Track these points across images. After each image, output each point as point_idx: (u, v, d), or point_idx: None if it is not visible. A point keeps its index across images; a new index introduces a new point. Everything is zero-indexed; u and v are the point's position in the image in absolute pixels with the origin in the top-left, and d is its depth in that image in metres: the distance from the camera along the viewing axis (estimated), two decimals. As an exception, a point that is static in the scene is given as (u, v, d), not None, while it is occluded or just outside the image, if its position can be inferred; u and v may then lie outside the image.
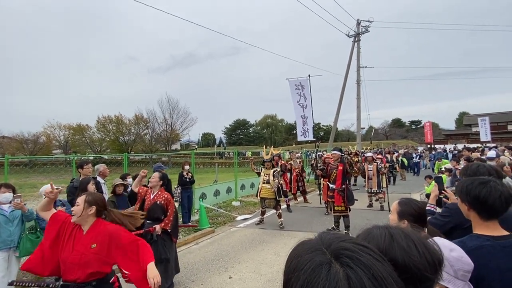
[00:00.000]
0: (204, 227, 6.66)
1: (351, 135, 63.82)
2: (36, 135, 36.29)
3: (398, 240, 0.83)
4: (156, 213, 3.76)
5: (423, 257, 0.80)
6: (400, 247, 0.81)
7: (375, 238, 0.86)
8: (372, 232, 0.89)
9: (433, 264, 0.81)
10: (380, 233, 0.87)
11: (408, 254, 0.80)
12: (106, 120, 35.92)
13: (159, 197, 3.82)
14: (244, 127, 78.64)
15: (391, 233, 0.86)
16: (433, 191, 2.52)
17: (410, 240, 0.83)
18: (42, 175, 22.45)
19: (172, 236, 3.83)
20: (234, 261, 4.84)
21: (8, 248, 3.62)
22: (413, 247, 0.81)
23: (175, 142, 40.96)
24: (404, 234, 0.86)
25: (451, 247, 1.24)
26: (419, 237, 0.87)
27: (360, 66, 19.23)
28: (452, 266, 1.19)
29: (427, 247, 0.83)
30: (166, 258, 3.71)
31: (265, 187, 6.65)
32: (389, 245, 0.82)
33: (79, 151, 34.69)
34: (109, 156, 27.90)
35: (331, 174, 6.17)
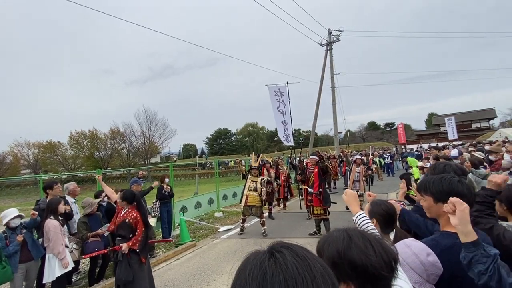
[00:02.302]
0: (185, 241, 6.47)
1: (330, 139, 65.49)
2: (2, 155, 33.87)
3: (356, 241, 0.86)
4: (124, 231, 3.57)
5: (379, 257, 0.83)
6: (357, 247, 0.84)
7: (334, 240, 0.89)
8: (332, 235, 0.92)
9: (389, 263, 0.85)
10: (339, 236, 0.90)
11: (365, 254, 0.83)
12: (80, 136, 34.27)
13: (128, 215, 3.62)
14: (225, 136, 78.23)
15: (349, 234, 0.89)
16: (402, 187, 2.67)
17: (367, 241, 0.86)
18: (10, 197, 20.89)
19: (141, 256, 3.58)
20: (216, 274, 4.73)
21: None
22: (370, 247, 0.85)
23: (154, 155, 39.82)
24: (361, 235, 0.89)
25: (428, 251, 1.27)
26: (375, 238, 0.90)
27: (333, 73, 19.99)
28: (427, 270, 1.22)
29: (383, 247, 0.87)
30: (128, 280, 3.42)
31: (252, 195, 6.59)
32: (347, 246, 0.85)
33: (51, 170, 32.70)
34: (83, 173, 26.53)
35: (309, 178, 6.31)
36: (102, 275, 4.81)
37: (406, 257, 1.27)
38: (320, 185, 6.13)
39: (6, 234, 3.75)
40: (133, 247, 3.51)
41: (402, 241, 1.38)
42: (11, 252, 3.71)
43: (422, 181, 1.66)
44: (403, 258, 1.25)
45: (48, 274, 3.91)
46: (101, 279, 4.74)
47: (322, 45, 19.58)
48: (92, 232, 4.49)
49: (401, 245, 1.33)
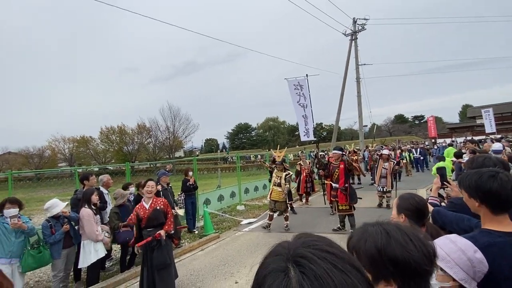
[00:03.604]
0: (209, 232, 6.63)
1: (354, 133, 63.46)
2: (41, 149, 36.78)
3: (395, 236, 0.82)
4: (158, 219, 3.78)
5: (420, 251, 0.79)
6: (397, 242, 0.80)
7: (371, 236, 0.84)
8: (366, 231, 0.87)
9: (430, 257, 0.81)
10: (375, 231, 0.85)
11: (406, 249, 0.79)
12: (109, 131, 36.24)
13: (157, 203, 3.84)
14: (246, 131, 78.72)
15: (386, 229, 0.85)
16: (435, 183, 2.46)
17: (405, 235, 0.82)
18: (48, 188, 22.65)
19: (175, 238, 3.92)
20: (240, 265, 4.80)
21: (9, 260, 3.62)
22: (409, 241, 0.81)
23: (178, 149, 41.08)
24: (398, 229, 0.85)
25: (474, 248, 1.20)
26: (413, 231, 0.85)
27: (359, 64, 19.19)
28: (474, 267, 1.16)
29: (421, 240, 0.83)
30: (170, 263, 3.75)
31: (276, 190, 6.53)
32: (387, 242, 0.81)
33: (84, 163, 35.00)
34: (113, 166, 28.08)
35: (334, 173, 6.12)
36: (132, 262, 5.07)
37: (452, 252, 1.19)
38: (346, 181, 5.95)
39: (50, 223, 4.05)
40: (169, 230, 3.79)
41: (445, 237, 1.31)
42: (57, 240, 4.01)
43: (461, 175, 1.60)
44: (448, 254, 1.18)
45: (83, 259, 4.19)
46: (131, 266, 5.00)
47: (347, 35, 18.83)
48: (123, 222, 4.73)
49: (445, 241, 1.25)
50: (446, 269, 1.14)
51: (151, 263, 3.64)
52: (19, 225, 3.64)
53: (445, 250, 1.15)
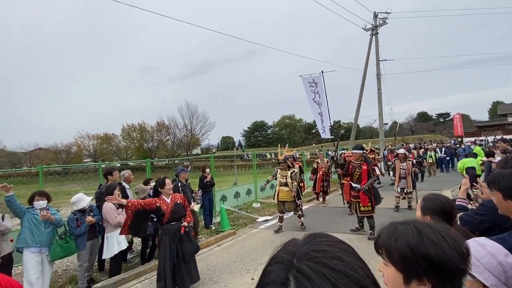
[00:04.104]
0: (226, 229, 6.70)
1: (374, 131, 61.56)
2: (68, 145, 38.92)
3: (427, 234, 0.80)
4: (179, 212, 3.96)
5: (454, 249, 0.77)
6: (430, 241, 0.79)
7: (402, 234, 0.82)
8: (397, 229, 0.85)
9: (463, 256, 0.78)
10: (406, 229, 0.83)
11: (440, 247, 0.77)
12: (131, 128, 37.61)
13: (175, 198, 4.02)
14: (262, 128, 78.73)
15: (417, 227, 0.83)
16: (464, 183, 2.31)
17: (437, 233, 0.80)
18: (75, 182, 23.90)
19: (193, 230, 4.22)
20: (256, 262, 4.81)
21: (39, 248, 3.85)
22: (442, 239, 0.79)
23: (195, 146, 41.95)
24: (430, 227, 0.83)
25: (506, 251, 1.15)
26: (445, 230, 0.83)
27: (379, 60, 18.52)
28: (506, 272, 1.10)
29: (454, 239, 0.80)
30: (194, 253, 4.01)
31: (283, 190, 6.27)
32: (419, 241, 0.79)
33: (107, 159, 36.58)
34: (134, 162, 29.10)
35: (354, 173, 5.88)
36: (152, 255, 5.23)
37: (481, 257, 1.13)
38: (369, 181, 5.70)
39: (76, 216, 4.27)
40: (190, 221, 4.03)
41: (473, 240, 1.25)
42: (82, 232, 4.22)
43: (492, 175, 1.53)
44: (477, 258, 1.12)
45: (106, 251, 4.38)
46: (151, 259, 5.16)
47: (367, 30, 18.21)
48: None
49: (473, 244, 1.18)
50: (476, 275, 1.09)
51: (181, 253, 3.81)
52: (48, 216, 3.86)
53: (474, 254, 1.09)
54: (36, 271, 3.77)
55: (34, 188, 4.75)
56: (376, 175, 6.05)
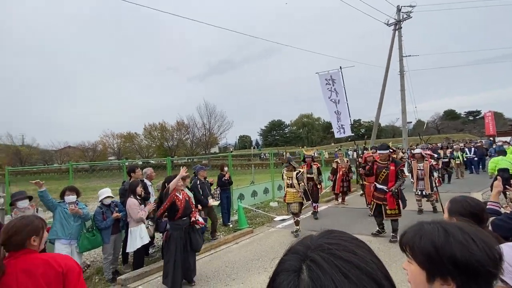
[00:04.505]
0: (243, 227, 6.75)
1: (396, 130, 59.25)
2: (95, 144, 40.97)
3: (454, 235, 0.79)
4: (190, 208, 4.19)
5: (483, 252, 0.75)
6: (457, 242, 0.77)
7: (428, 234, 0.82)
8: (423, 228, 0.85)
9: (494, 259, 0.76)
10: (432, 228, 0.83)
11: (467, 248, 0.75)
12: (152, 128, 38.94)
13: (184, 195, 4.23)
14: (279, 127, 78.41)
15: (444, 228, 0.81)
16: (496, 186, 2.17)
17: (466, 234, 0.78)
18: (100, 179, 25.14)
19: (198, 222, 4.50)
20: (273, 261, 4.79)
21: (68, 240, 4.09)
22: (471, 241, 0.77)
23: (213, 145, 42.57)
24: (458, 228, 0.81)
25: None
26: (475, 232, 0.81)
27: (403, 56, 17.77)
28: None
29: (485, 241, 0.78)
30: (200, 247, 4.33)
31: (290, 192, 6.15)
32: (445, 241, 0.78)
33: (130, 157, 38.12)
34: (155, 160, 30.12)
35: (379, 174, 5.56)
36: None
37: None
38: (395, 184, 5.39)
39: (102, 210, 4.51)
40: (195, 216, 4.27)
41: (506, 244, 1.21)
42: (107, 226, 4.45)
43: None
44: (510, 263, 1.08)
45: (130, 244, 4.57)
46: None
47: (389, 25, 17.53)
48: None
49: (506, 249, 1.13)
50: (508, 280, 1.05)
51: (189, 246, 4.07)
52: (76, 210, 4.10)
53: (507, 260, 1.05)
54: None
55: (64, 184, 5.06)
56: (405, 177, 5.75)
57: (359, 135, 69.54)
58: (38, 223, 1.76)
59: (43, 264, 1.59)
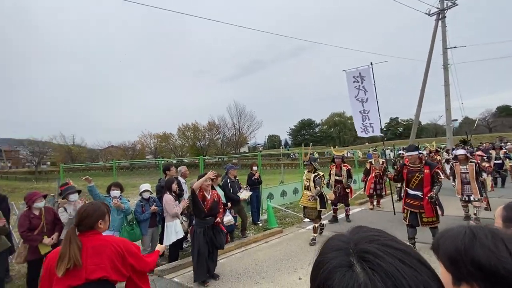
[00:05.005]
0: (273, 226, 6.76)
1: (439, 129, 54.62)
2: (134, 143, 44.06)
3: (482, 239, 0.74)
4: (216, 209, 4.32)
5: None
6: (483, 246, 0.73)
7: (451, 236, 0.79)
8: (451, 230, 0.82)
9: None
10: (459, 231, 0.79)
11: (494, 254, 0.71)
12: (185, 128, 40.75)
13: (214, 196, 4.37)
14: (309, 127, 76.90)
15: (473, 231, 0.77)
16: None
17: (498, 240, 0.73)
18: (139, 176, 26.95)
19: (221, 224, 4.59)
20: (303, 262, 4.74)
21: (112, 232, 4.45)
22: (503, 247, 0.72)
23: (243, 145, 43.20)
24: (490, 233, 0.76)
25: None
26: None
27: (446, 48, 16.33)
28: None
29: None
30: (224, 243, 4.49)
31: (305, 194, 5.78)
32: (470, 244, 0.74)
33: (165, 156, 40.32)
34: (188, 159, 31.46)
35: (412, 178, 4.98)
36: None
37: None
38: (433, 188, 4.82)
39: (142, 203, 4.85)
40: (221, 218, 4.43)
41: None
42: (145, 218, 4.78)
43: None
44: None
45: (166, 238, 4.84)
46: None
47: (431, 15, 16.20)
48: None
49: None
50: None
51: (214, 243, 4.26)
52: (118, 204, 4.46)
53: None
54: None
55: (109, 180, 5.54)
56: (441, 179, 5.19)
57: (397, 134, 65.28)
58: (103, 209, 2.08)
59: (107, 244, 1.94)
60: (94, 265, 1.84)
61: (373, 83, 8.23)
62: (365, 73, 8.43)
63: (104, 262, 1.86)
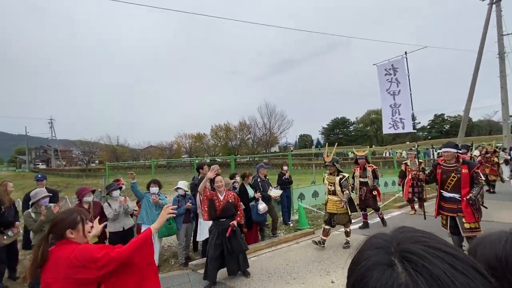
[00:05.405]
0: (304, 227, 6.64)
1: (494, 126, 48.86)
2: (171, 143, 46.56)
3: None
4: (230, 210, 4.18)
5: None
6: None
7: (491, 242, 0.73)
8: (490, 236, 0.76)
9: None
10: (499, 237, 0.73)
11: None
12: (218, 128, 41.95)
13: (229, 197, 4.26)
14: (343, 125, 74.14)
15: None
16: None
17: None
18: (175, 174, 28.41)
19: (243, 227, 4.46)
20: (336, 265, 4.57)
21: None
22: None
23: (273, 144, 43.17)
24: None
25: None
26: None
27: (502, 34, 14.52)
28: None
29: None
30: (243, 249, 4.20)
31: (331, 200, 5.32)
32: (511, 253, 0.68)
33: (199, 155, 41.95)
34: (220, 158, 32.33)
35: (446, 180, 4.41)
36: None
37: None
38: (472, 190, 4.28)
39: (178, 199, 5.11)
40: (240, 221, 4.24)
41: None
42: (181, 213, 5.02)
43: None
44: None
45: (199, 234, 5.04)
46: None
47: (483, -1, 14.55)
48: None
49: None
50: None
51: (231, 248, 4.12)
52: (156, 200, 4.74)
53: None
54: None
55: (148, 178, 5.93)
56: (482, 181, 4.53)
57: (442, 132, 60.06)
58: (75, 217, 1.83)
59: (64, 255, 1.69)
60: (51, 278, 1.66)
61: (407, 74, 7.45)
62: (398, 64, 7.68)
63: (60, 276, 1.65)
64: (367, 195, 6.66)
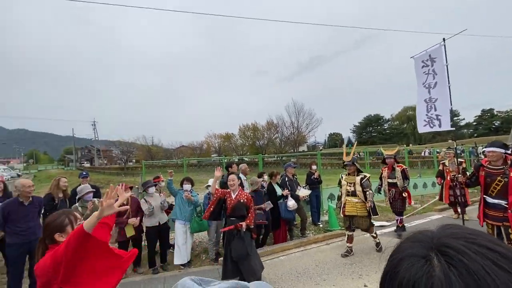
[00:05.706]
0: (334, 228, 6.46)
1: (555, 122, 42.96)
2: (201, 143, 48.14)
3: None
4: (240, 211, 4.00)
5: None
6: None
7: None
8: None
9: None
10: None
11: None
12: (246, 128, 42.42)
13: (241, 196, 4.08)
14: (377, 123, 70.54)
15: None
16: None
17: None
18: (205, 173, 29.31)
19: (253, 232, 4.10)
20: (369, 269, 4.39)
21: (183, 222, 4.97)
22: None
23: (302, 143, 42.50)
24: None
25: None
26: None
27: None
28: None
29: None
30: (245, 255, 3.82)
31: (351, 201, 4.94)
32: None
33: (228, 155, 42.80)
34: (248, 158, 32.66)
35: (490, 184, 3.93)
36: (264, 242, 5.73)
37: None
38: None
39: (209, 196, 5.28)
40: (250, 224, 3.94)
41: None
42: None
43: None
44: None
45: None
46: (263, 245, 5.66)
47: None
48: (256, 205, 5.42)
49: None
50: None
51: (231, 251, 3.87)
52: (188, 197, 4.95)
53: None
54: (182, 238, 4.92)
55: (181, 176, 6.20)
56: None
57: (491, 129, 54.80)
58: (63, 220, 1.75)
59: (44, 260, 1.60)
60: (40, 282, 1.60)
61: (445, 64, 6.50)
62: (436, 53, 6.75)
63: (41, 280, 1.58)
64: (396, 197, 6.19)
